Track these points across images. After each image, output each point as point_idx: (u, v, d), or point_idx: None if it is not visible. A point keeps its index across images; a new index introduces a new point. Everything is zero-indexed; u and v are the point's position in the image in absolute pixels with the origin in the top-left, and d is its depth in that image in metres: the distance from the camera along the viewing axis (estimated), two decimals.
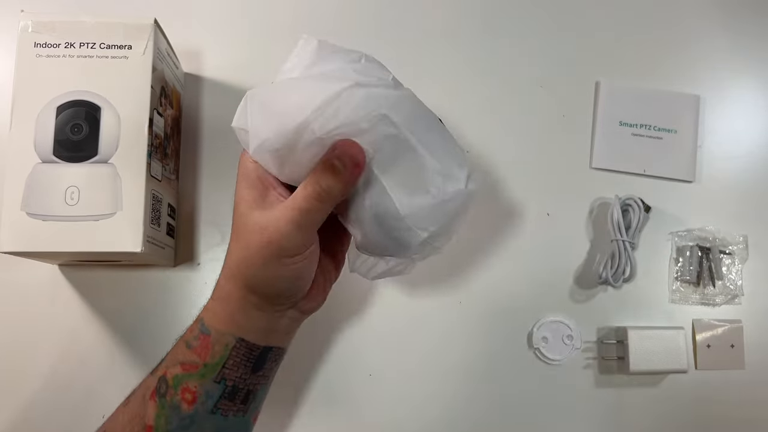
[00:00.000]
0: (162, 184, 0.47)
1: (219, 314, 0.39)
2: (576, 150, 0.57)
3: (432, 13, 0.58)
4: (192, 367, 0.38)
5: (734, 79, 0.60)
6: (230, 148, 0.54)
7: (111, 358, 0.50)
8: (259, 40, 0.57)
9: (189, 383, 0.38)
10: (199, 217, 0.53)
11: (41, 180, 0.42)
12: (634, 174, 0.57)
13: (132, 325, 0.51)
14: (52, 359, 0.50)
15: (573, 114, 0.58)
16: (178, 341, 0.40)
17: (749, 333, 0.55)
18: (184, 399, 0.38)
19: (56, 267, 0.51)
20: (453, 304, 0.53)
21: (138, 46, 0.45)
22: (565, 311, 0.54)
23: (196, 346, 0.38)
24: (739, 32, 0.61)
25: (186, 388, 0.38)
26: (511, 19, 0.59)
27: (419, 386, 0.52)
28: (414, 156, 0.36)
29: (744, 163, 0.59)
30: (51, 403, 0.49)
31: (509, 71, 0.58)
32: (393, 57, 0.58)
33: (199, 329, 0.39)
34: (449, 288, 0.54)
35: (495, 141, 0.56)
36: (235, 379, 0.39)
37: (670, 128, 0.58)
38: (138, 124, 0.44)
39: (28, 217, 0.42)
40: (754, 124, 0.60)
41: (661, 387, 0.54)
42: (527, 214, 0.55)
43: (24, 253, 0.43)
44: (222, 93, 0.55)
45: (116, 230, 0.42)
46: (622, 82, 0.58)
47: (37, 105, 0.43)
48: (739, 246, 0.56)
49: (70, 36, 0.44)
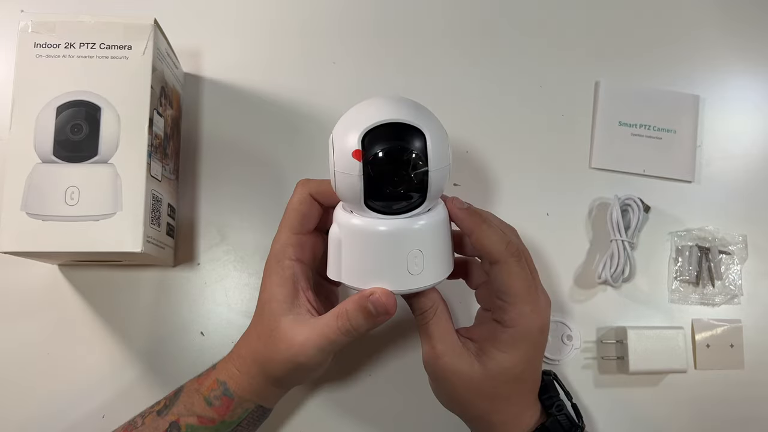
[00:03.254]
0: (162, 184, 0.47)
1: (244, 386, 0.41)
2: (575, 150, 0.57)
3: (432, 14, 0.58)
4: (209, 421, 0.41)
5: (734, 79, 0.60)
6: (230, 148, 0.54)
7: (111, 358, 0.50)
8: (259, 40, 0.57)
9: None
10: (199, 217, 0.53)
11: (41, 180, 0.42)
12: (634, 174, 0.57)
13: (132, 325, 0.51)
14: (51, 359, 0.50)
15: (572, 114, 0.58)
16: (194, 393, 0.42)
17: (748, 333, 0.55)
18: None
19: (56, 267, 0.51)
20: (453, 304, 0.53)
21: (138, 46, 0.45)
22: (565, 311, 0.54)
23: (217, 405, 0.41)
24: (739, 32, 0.61)
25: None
26: (511, 19, 0.59)
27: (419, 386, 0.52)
28: None
29: (743, 162, 0.59)
30: (51, 403, 0.49)
31: (509, 71, 0.58)
32: (393, 57, 0.58)
33: (222, 391, 0.41)
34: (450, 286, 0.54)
35: (495, 141, 0.56)
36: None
37: (670, 128, 0.58)
38: (138, 125, 0.44)
39: (28, 217, 0.42)
40: (754, 124, 0.60)
41: (660, 387, 0.54)
42: (526, 214, 0.55)
43: (24, 253, 0.43)
44: (222, 93, 0.55)
45: (116, 230, 0.42)
46: (621, 82, 0.59)
47: (37, 105, 0.43)
48: (739, 246, 0.56)
49: (69, 36, 0.44)
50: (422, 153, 0.34)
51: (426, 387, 0.42)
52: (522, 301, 0.38)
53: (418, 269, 0.37)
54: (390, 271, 0.37)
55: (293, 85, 0.56)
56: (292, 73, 0.56)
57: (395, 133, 0.34)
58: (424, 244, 0.37)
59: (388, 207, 0.36)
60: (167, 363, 0.50)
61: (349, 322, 0.36)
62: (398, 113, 0.34)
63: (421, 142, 0.34)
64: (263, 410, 0.43)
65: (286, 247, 0.40)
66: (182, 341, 0.51)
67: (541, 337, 0.39)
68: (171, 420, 0.41)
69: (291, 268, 0.40)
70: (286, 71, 0.56)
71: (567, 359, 0.53)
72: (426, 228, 0.37)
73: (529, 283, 0.38)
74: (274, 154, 0.54)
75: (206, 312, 0.51)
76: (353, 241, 0.37)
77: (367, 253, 0.37)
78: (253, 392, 0.41)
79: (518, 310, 0.38)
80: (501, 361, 0.38)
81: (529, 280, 0.38)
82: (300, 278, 0.40)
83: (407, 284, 0.37)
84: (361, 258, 0.37)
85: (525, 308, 0.38)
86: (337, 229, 0.38)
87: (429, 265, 0.37)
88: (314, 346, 0.37)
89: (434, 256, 0.38)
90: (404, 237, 0.36)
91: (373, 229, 0.36)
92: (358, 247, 0.37)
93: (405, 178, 0.34)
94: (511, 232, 0.42)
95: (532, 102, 0.58)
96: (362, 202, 0.35)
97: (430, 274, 0.37)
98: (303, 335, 0.37)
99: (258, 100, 0.55)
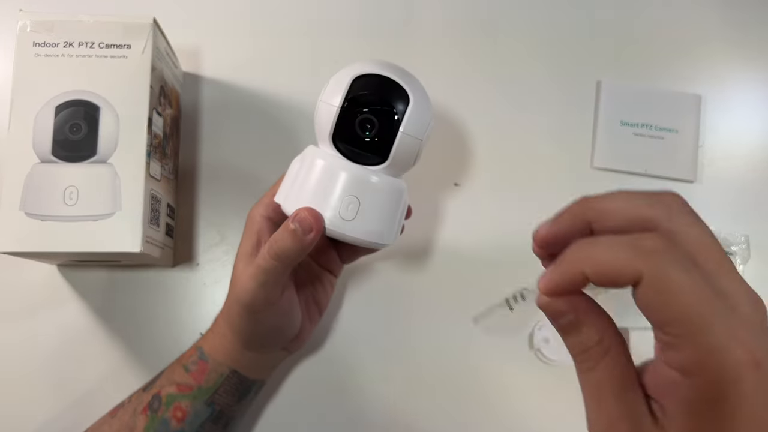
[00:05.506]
0: (161, 184, 0.47)
1: (216, 347, 0.42)
2: (577, 150, 0.57)
3: (432, 13, 0.58)
4: (187, 388, 0.42)
5: (735, 78, 0.60)
6: (229, 148, 0.54)
7: (110, 358, 0.50)
8: (259, 39, 0.56)
9: (181, 403, 0.41)
10: (198, 217, 0.53)
11: (40, 180, 0.42)
12: (636, 174, 0.57)
13: (131, 325, 0.51)
14: (51, 359, 0.50)
15: (574, 114, 0.58)
16: (175, 364, 0.43)
17: None
18: (174, 416, 0.41)
19: (55, 267, 0.51)
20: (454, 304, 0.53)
21: (137, 46, 0.44)
22: None
23: (194, 370, 0.42)
24: (740, 32, 0.60)
25: (178, 406, 0.41)
26: (512, 19, 0.59)
27: (419, 386, 0.52)
28: None
29: (745, 162, 0.58)
30: (50, 403, 0.49)
31: (510, 71, 0.58)
32: (393, 57, 0.58)
33: (198, 356, 0.42)
34: (450, 288, 0.54)
35: (496, 141, 0.56)
36: (222, 404, 0.43)
37: (672, 128, 0.58)
38: (137, 124, 0.44)
39: (27, 218, 0.42)
40: (756, 124, 0.60)
41: None
42: (528, 214, 0.55)
43: (23, 254, 0.43)
44: (221, 93, 0.55)
45: (115, 230, 0.42)
46: (623, 82, 0.58)
47: (36, 105, 0.43)
48: (741, 246, 0.56)
49: (68, 35, 0.44)
50: (401, 114, 0.37)
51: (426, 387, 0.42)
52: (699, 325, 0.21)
53: (350, 215, 0.38)
54: (324, 205, 0.37)
55: (293, 85, 0.55)
56: (293, 73, 0.56)
57: (384, 86, 0.38)
58: (363, 196, 0.38)
59: (351, 152, 0.38)
60: (166, 363, 0.50)
61: (277, 244, 0.36)
62: (395, 74, 0.38)
63: (403, 105, 0.37)
64: (240, 378, 0.43)
65: (259, 206, 0.41)
66: (181, 341, 0.50)
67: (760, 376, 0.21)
68: (154, 393, 0.42)
69: (258, 224, 0.40)
70: (286, 71, 0.56)
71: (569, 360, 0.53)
72: (373, 183, 0.38)
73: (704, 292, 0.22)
74: (274, 154, 0.54)
75: (205, 312, 0.51)
76: (304, 170, 0.39)
77: (310, 181, 0.38)
78: (225, 354, 0.42)
79: (696, 342, 0.22)
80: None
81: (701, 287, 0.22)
82: (264, 233, 0.40)
83: (337, 225, 0.37)
84: (303, 186, 0.38)
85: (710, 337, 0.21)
86: (298, 158, 0.40)
87: (363, 218, 0.38)
88: (251, 279, 0.37)
89: (371, 212, 0.38)
90: (347, 179, 0.38)
91: (325, 160, 0.38)
92: (304, 175, 0.38)
93: (375, 126, 0.37)
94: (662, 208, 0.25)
95: (534, 102, 0.57)
96: (330, 136, 0.38)
97: (361, 228, 0.38)
98: (246, 272, 0.38)
99: (258, 99, 0.55)
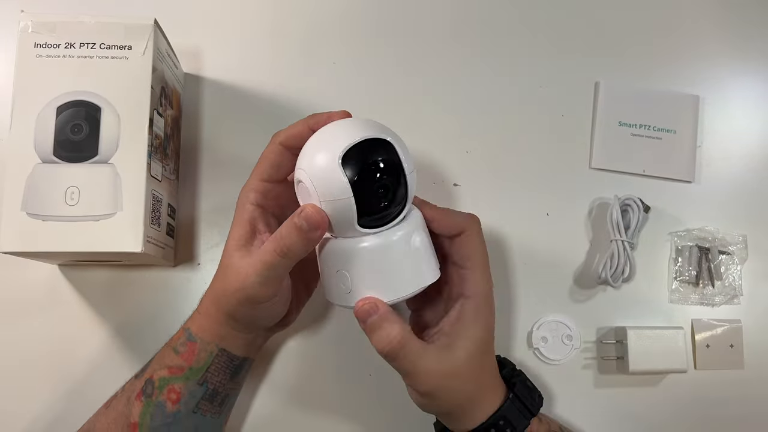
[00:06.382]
0: (162, 184, 0.47)
1: (204, 326, 0.42)
2: (575, 150, 0.57)
3: (432, 14, 0.58)
4: (178, 370, 0.42)
5: (734, 79, 0.60)
6: (230, 148, 0.54)
7: (111, 358, 0.50)
8: (259, 40, 0.57)
9: (174, 385, 0.42)
10: (199, 217, 0.53)
11: (41, 180, 0.42)
12: (634, 174, 0.57)
13: (132, 325, 0.51)
14: (51, 359, 0.50)
15: (572, 114, 0.58)
16: (164, 349, 0.43)
17: (748, 333, 0.55)
18: (169, 399, 0.42)
19: (56, 267, 0.51)
20: None
21: (138, 47, 0.45)
22: (565, 311, 0.54)
23: (183, 351, 0.42)
24: (739, 32, 0.61)
25: (171, 389, 0.42)
26: (511, 19, 0.59)
27: None
28: None
29: (743, 163, 0.59)
30: (50, 403, 0.49)
31: (509, 71, 0.58)
32: (393, 57, 0.58)
33: (186, 337, 0.42)
34: None
35: (495, 141, 0.56)
36: (216, 383, 0.43)
37: (670, 128, 0.58)
38: (138, 125, 0.44)
39: (28, 217, 0.42)
40: (754, 124, 0.60)
41: (660, 387, 0.54)
42: (527, 214, 0.55)
43: (24, 253, 0.43)
44: (222, 93, 0.55)
45: (116, 230, 0.42)
46: (621, 83, 0.59)
47: (37, 105, 0.43)
48: (739, 246, 0.56)
49: (70, 36, 0.44)
50: (398, 161, 0.36)
51: None
52: (482, 264, 0.41)
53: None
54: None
55: (293, 86, 0.56)
56: (293, 74, 0.56)
57: (369, 149, 0.35)
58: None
59: (380, 220, 0.37)
60: None
61: (283, 240, 0.37)
62: (363, 131, 0.36)
63: (392, 152, 0.36)
64: (229, 356, 0.43)
65: (249, 192, 0.41)
66: None
67: (492, 302, 0.42)
68: (146, 378, 0.42)
69: (250, 212, 0.40)
70: (286, 71, 0.56)
71: (567, 359, 0.53)
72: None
73: (485, 250, 0.42)
74: None
75: None
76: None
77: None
78: (213, 333, 0.42)
79: (479, 274, 0.41)
80: (475, 334, 0.40)
81: (485, 248, 0.42)
82: (258, 221, 0.40)
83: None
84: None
85: (485, 274, 0.41)
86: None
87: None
88: (255, 272, 0.38)
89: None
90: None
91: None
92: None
93: (392, 185, 0.36)
94: None
95: (532, 102, 0.58)
96: (356, 223, 0.36)
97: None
98: (247, 264, 0.38)
99: (258, 100, 0.55)
